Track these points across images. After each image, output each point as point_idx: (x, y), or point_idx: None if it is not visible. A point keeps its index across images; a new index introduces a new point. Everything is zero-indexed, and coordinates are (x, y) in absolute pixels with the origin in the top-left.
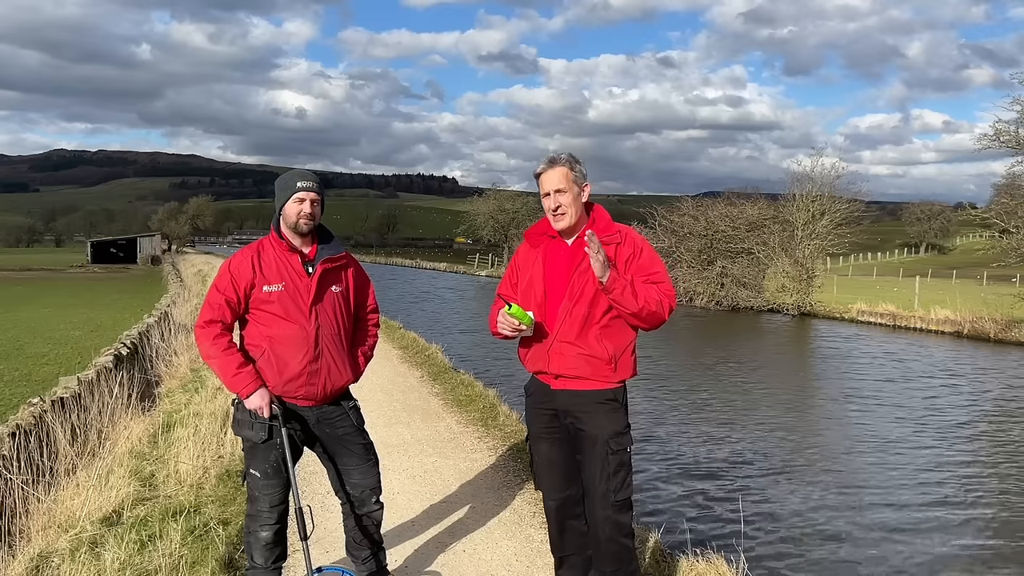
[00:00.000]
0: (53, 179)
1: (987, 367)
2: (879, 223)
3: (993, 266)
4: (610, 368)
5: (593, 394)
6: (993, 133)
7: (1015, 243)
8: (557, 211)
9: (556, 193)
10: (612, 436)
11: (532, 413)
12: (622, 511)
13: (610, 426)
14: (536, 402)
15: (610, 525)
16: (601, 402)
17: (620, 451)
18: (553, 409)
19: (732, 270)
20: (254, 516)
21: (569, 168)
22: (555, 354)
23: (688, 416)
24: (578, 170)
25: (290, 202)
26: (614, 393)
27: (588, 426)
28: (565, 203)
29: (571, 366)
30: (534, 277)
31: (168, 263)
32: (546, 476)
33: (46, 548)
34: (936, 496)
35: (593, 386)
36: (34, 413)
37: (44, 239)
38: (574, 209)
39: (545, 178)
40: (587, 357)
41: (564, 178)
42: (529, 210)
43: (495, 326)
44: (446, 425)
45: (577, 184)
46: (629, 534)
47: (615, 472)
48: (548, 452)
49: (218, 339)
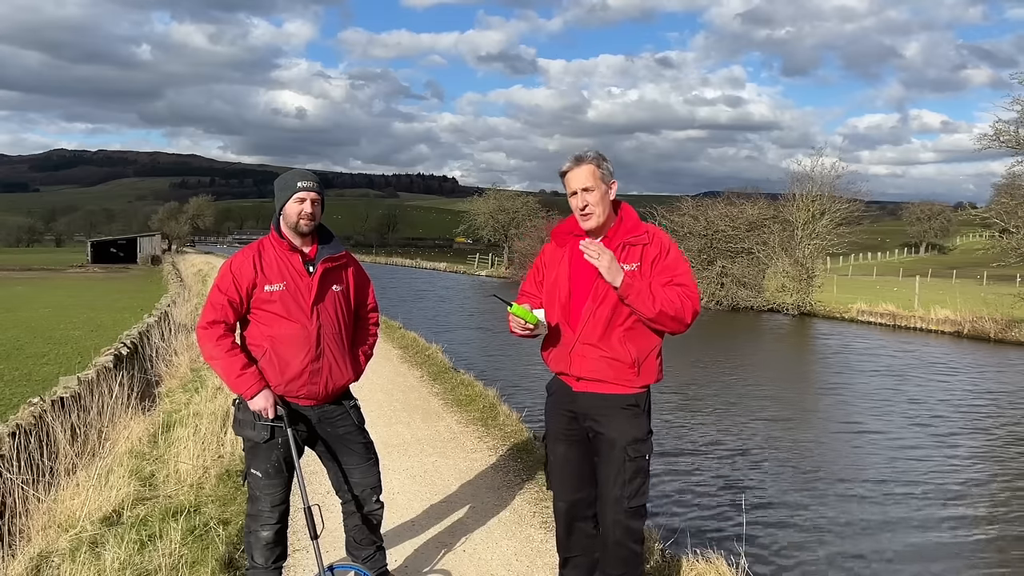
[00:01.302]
0: (53, 179)
1: (987, 367)
2: (879, 223)
3: (993, 266)
4: (633, 372)
5: (615, 398)
6: (993, 133)
7: (1015, 243)
8: (584, 210)
9: (583, 192)
10: (631, 442)
11: (552, 413)
12: (635, 517)
13: (630, 432)
14: (557, 402)
15: (621, 529)
16: (622, 407)
17: (638, 458)
18: (573, 411)
19: (732, 270)
20: (255, 516)
21: (596, 166)
22: (577, 356)
23: (688, 416)
24: (605, 168)
25: (291, 202)
26: (636, 398)
27: (607, 430)
28: (592, 202)
29: (593, 369)
30: (559, 277)
31: (168, 263)
32: (560, 477)
33: (46, 548)
34: (937, 496)
35: (615, 390)
36: (34, 413)
37: (44, 239)
38: (601, 208)
39: (571, 176)
40: (609, 360)
41: (591, 176)
42: (529, 210)
43: (511, 326)
44: (446, 425)
45: (604, 182)
46: (639, 540)
47: (631, 479)
48: (565, 453)
49: (221, 340)
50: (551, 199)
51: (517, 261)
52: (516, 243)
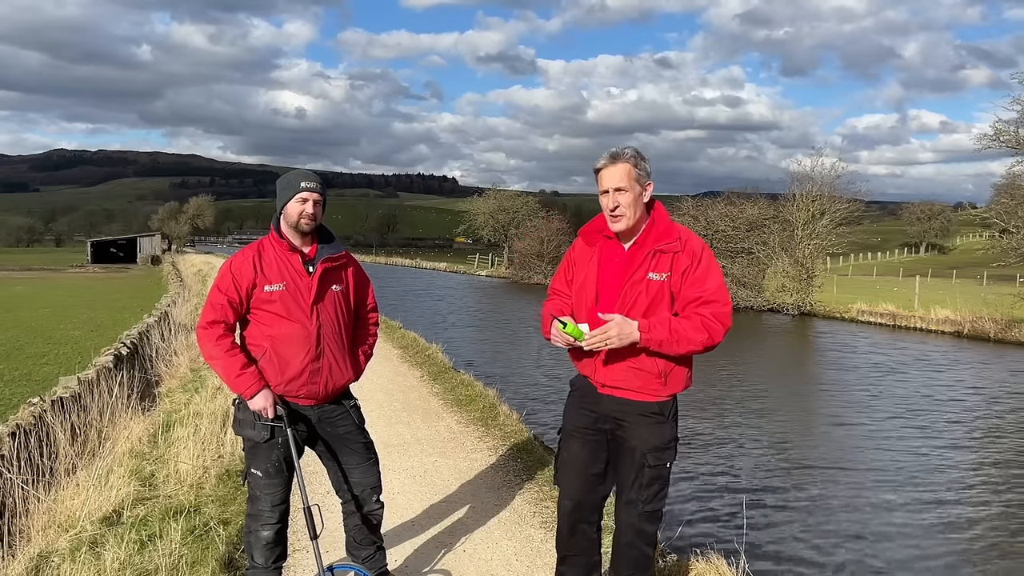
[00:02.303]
0: (53, 179)
1: (987, 366)
2: (879, 223)
3: (993, 266)
4: (660, 382)
5: (639, 405)
6: (993, 133)
7: (1015, 243)
8: (615, 212)
9: (616, 192)
10: (652, 450)
11: (572, 410)
12: (649, 521)
13: (651, 440)
14: (579, 400)
15: (633, 531)
16: (646, 415)
17: (659, 466)
18: (595, 411)
19: (732, 270)
20: (255, 516)
21: (633, 165)
22: (603, 364)
23: (687, 416)
24: (642, 167)
25: (292, 202)
26: (661, 406)
27: (629, 435)
28: (624, 203)
29: (619, 378)
30: (587, 280)
31: (168, 263)
32: (569, 475)
33: (46, 548)
34: (938, 496)
35: (641, 398)
36: (34, 413)
37: (44, 239)
38: (633, 211)
39: (605, 174)
40: (636, 370)
41: (626, 176)
42: (529, 210)
43: (548, 332)
44: (446, 425)
45: (640, 183)
46: (651, 543)
47: (648, 484)
48: (578, 452)
49: (221, 340)
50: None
51: (517, 261)
52: (516, 243)
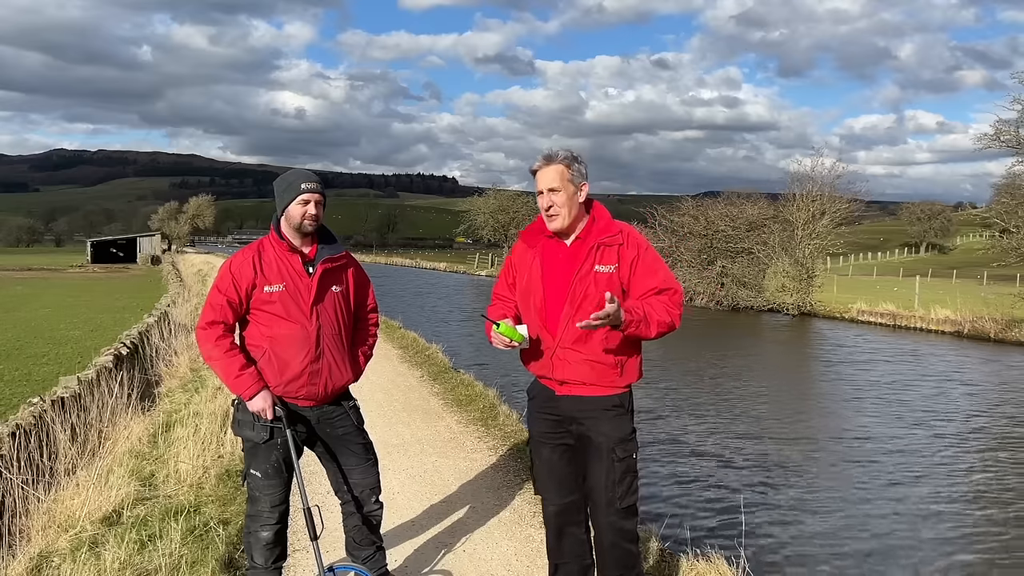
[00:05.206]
0: (53, 179)
1: (987, 366)
2: (878, 223)
3: (993, 266)
4: (616, 373)
5: (599, 400)
6: (993, 133)
7: (1015, 243)
8: (550, 211)
9: (550, 192)
10: (618, 443)
11: (534, 417)
12: (627, 517)
13: (615, 432)
14: (539, 406)
15: (614, 531)
16: (607, 408)
17: (626, 457)
18: (557, 415)
19: (732, 270)
20: (255, 516)
21: (566, 166)
22: (558, 360)
23: (688, 416)
24: (576, 168)
25: (295, 204)
26: (620, 399)
27: (593, 432)
28: (558, 203)
29: (576, 372)
30: (532, 280)
31: (168, 263)
32: (546, 482)
33: (46, 548)
34: (938, 496)
35: (599, 392)
36: (34, 413)
37: (44, 239)
38: (567, 210)
39: (540, 175)
40: (592, 363)
41: (559, 176)
42: (529, 209)
43: (491, 337)
44: (446, 425)
45: (574, 183)
46: (633, 539)
47: (621, 478)
48: (549, 457)
49: (220, 341)
50: None
51: None
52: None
